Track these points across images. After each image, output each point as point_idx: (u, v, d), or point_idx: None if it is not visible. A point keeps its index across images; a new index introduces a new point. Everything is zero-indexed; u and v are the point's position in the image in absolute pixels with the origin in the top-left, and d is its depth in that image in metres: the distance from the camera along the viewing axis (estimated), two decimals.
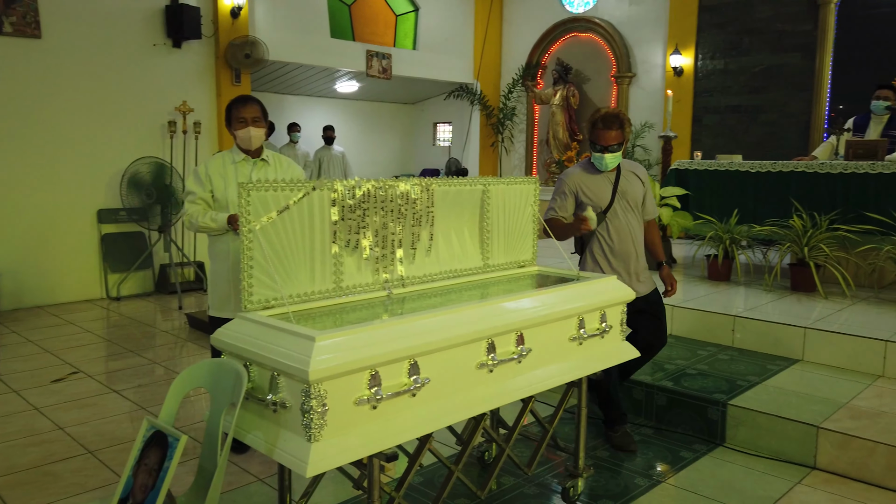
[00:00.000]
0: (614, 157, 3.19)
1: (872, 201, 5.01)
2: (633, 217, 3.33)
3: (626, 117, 3.22)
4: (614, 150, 3.17)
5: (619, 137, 3.17)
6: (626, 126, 3.19)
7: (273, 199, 2.17)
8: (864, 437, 3.03)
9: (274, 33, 8.14)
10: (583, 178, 3.31)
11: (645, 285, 3.38)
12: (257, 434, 1.96)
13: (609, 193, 3.28)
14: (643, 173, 3.40)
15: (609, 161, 3.19)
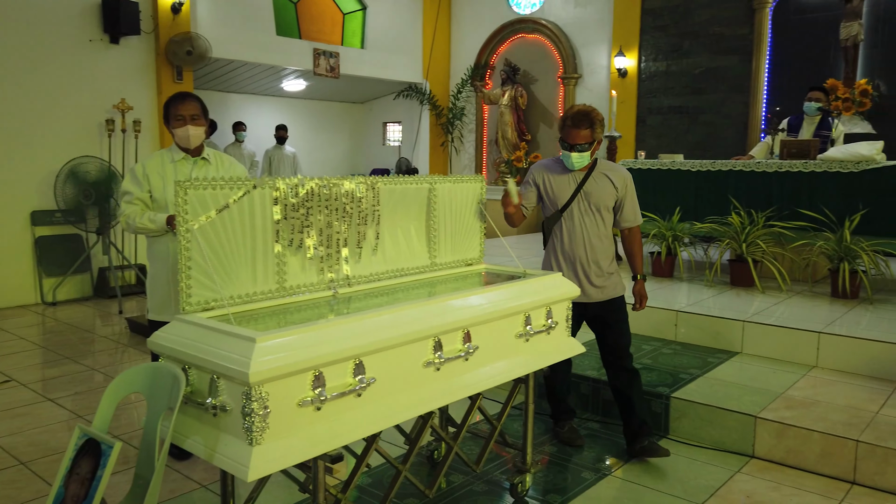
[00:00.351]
0: (581, 156, 3.05)
1: (806, 198, 5.22)
2: (592, 220, 3.17)
3: (599, 117, 3.08)
4: (581, 149, 3.04)
5: (588, 137, 3.04)
6: (596, 126, 3.05)
7: (212, 197, 2.11)
8: (799, 426, 3.14)
9: (217, 30, 7.96)
10: (549, 172, 3.23)
11: (601, 292, 3.22)
12: (197, 439, 1.90)
13: (570, 193, 3.17)
14: (621, 178, 3.18)
15: (575, 160, 3.06)
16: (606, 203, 3.16)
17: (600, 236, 3.19)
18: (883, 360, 3.77)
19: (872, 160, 5.01)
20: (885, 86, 7.25)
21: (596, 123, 3.05)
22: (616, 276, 3.26)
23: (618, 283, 3.26)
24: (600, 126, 3.08)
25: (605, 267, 3.21)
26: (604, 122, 3.13)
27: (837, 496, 2.86)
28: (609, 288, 3.23)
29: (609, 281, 3.23)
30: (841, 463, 3.01)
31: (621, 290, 3.27)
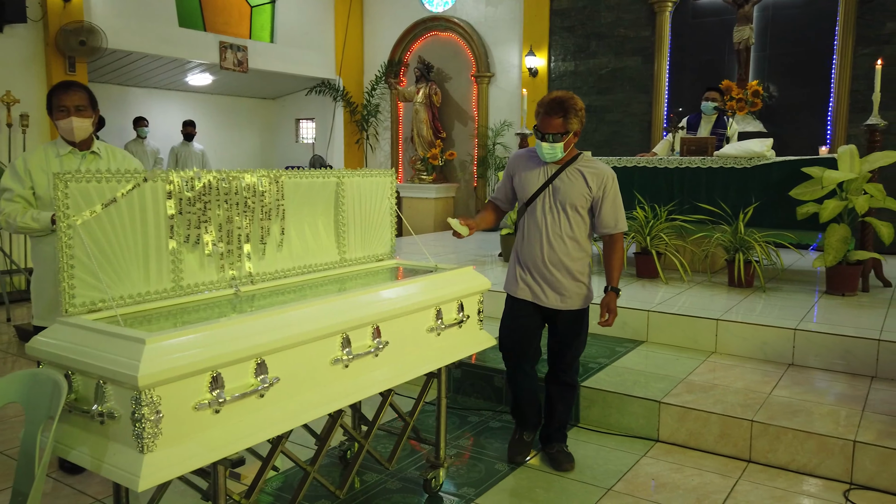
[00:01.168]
0: (552, 148, 2.77)
1: (704, 193, 5.48)
2: (555, 219, 2.87)
3: (575, 105, 2.74)
4: (553, 139, 2.75)
5: (561, 127, 2.74)
6: (570, 115, 2.73)
7: (97, 191, 1.98)
8: (699, 409, 3.28)
9: (114, 20, 7.54)
10: (522, 162, 2.98)
11: (560, 300, 2.94)
12: (83, 449, 1.77)
13: (537, 186, 2.89)
14: (598, 177, 2.84)
15: (545, 151, 2.79)
16: (574, 202, 2.84)
17: (563, 237, 2.88)
18: (775, 344, 4.00)
19: (763, 156, 5.32)
20: (774, 87, 7.72)
21: (570, 112, 2.73)
22: (583, 288, 2.95)
23: (584, 294, 2.96)
24: (576, 115, 2.75)
25: (569, 273, 2.90)
26: (581, 110, 2.78)
27: (735, 474, 3.01)
28: (571, 299, 2.93)
29: (572, 290, 2.92)
30: (737, 443, 3.17)
31: (585, 302, 2.98)
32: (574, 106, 2.75)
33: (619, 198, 2.89)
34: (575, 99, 2.76)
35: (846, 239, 4.72)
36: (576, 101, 2.76)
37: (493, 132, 9.50)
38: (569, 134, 2.76)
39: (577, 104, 2.76)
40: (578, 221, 2.89)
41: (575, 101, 2.76)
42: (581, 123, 2.80)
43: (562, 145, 2.78)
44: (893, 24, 6.96)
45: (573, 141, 2.82)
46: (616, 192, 2.88)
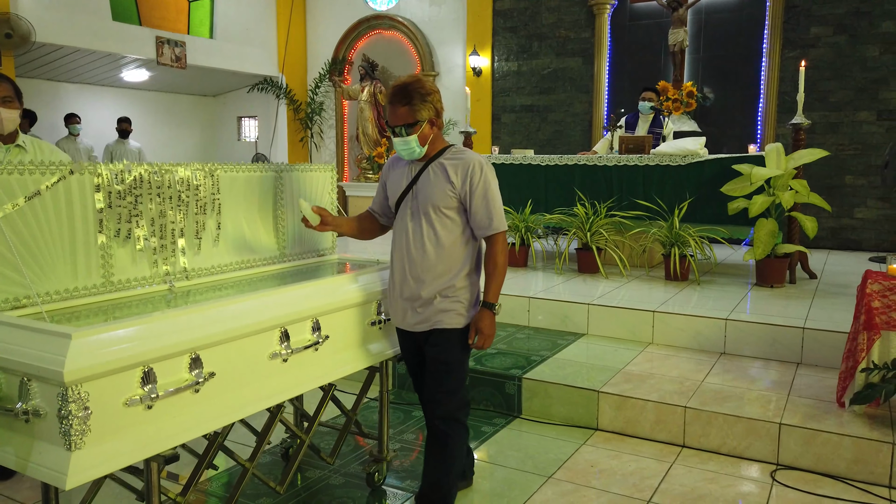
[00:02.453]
0: (404, 142, 2.35)
1: (641, 189, 5.64)
2: (418, 225, 2.40)
3: (421, 89, 2.33)
4: (402, 132, 2.34)
5: (408, 116, 2.32)
6: (416, 101, 2.31)
7: (20, 183, 1.91)
8: (636, 397, 3.38)
9: (41, 12, 7.24)
10: (393, 165, 2.58)
11: (417, 318, 2.43)
12: (7, 449, 1.71)
13: (401, 190, 2.47)
14: (463, 169, 2.37)
15: (399, 147, 2.38)
16: (437, 202, 2.37)
17: (425, 246, 2.39)
18: (707, 334, 4.15)
19: (697, 154, 5.51)
20: (708, 88, 8.00)
21: (415, 97, 2.31)
22: (455, 304, 2.40)
23: (453, 311, 2.40)
24: (423, 100, 2.33)
25: (436, 289, 2.39)
26: (432, 95, 2.35)
27: (669, 459, 3.11)
28: (432, 316, 2.40)
29: (439, 308, 2.39)
30: (672, 428, 3.28)
31: (454, 321, 2.40)
32: (419, 90, 2.33)
33: (492, 190, 2.37)
34: (422, 82, 2.36)
35: (774, 233, 4.93)
36: (423, 84, 2.35)
37: None
38: (420, 124, 2.33)
39: (423, 87, 2.34)
40: (446, 225, 2.38)
41: (421, 85, 2.35)
42: (436, 110, 2.37)
43: (415, 138, 2.34)
44: (818, 29, 7.31)
45: (432, 133, 2.38)
46: (487, 183, 2.36)
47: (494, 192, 2.40)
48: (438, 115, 2.41)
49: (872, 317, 2.98)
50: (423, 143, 2.38)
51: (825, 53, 7.29)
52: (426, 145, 2.39)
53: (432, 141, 2.41)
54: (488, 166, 2.41)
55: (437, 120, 2.41)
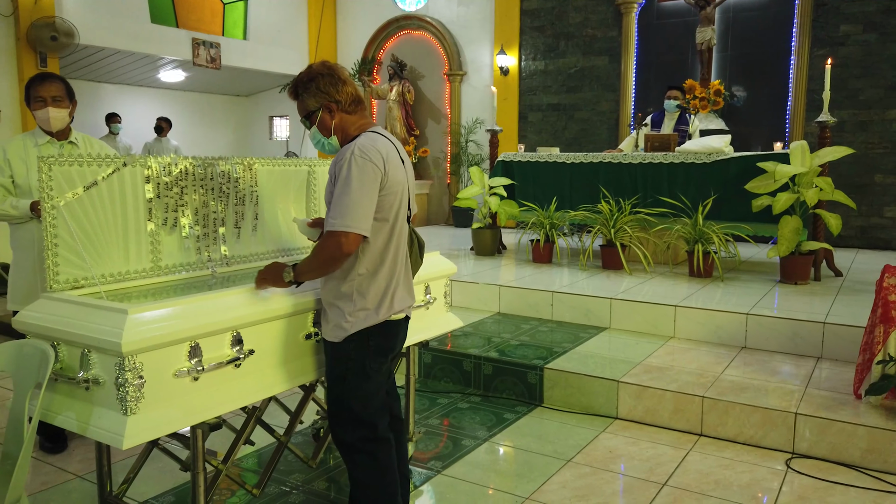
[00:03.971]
0: (313, 136, 2.22)
1: (666, 187, 5.70)
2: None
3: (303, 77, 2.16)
4: (304, 125, 2.21)
5: (301, 109, 2.20)
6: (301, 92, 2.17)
7: (79, 174, 2.09)
8: (654, 387, 3.47)
9: (85, 16, 7.54)
10: None
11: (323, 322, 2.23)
12: (69, 414, 1.89)
13: None
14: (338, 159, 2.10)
15: (313, 142, 2.26)
16: (327, 201, 2.15)
17: None
18: (728, 328, 4.21)
19: (722, 152, 5.55)
20: (736, 86, 8.00)
21: (299, 88, 2.17)
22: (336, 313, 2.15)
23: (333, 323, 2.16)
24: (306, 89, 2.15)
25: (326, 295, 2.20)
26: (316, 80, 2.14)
27: (686, 446, 3.20)
28: (324, 325, 2.22)
29: (327, 315, 2.20)
30: (690, 417, 3.36)
31: (332, 333, 2.17)
32: (301, 80, 2.17)
33: (351, 184, 2.02)
34: (307, 71, 2.18)
35: (798, 230, 4.96)
36: (307, 72, 2.17)
37: (465, 130, 9.66)
38: (315, 114, 2.16)
39: (305, 76, 2.16)
40: None
41: (305, 73, 2.17)
42: (326, 95, 2.13)
43: (316, 129, 2.19)
44: (847, 27, 7.27)
45: (334, 119, 2.16)
46: (349, 175, 2.03)
47: (354, 187, 2.02)
48: (335, 100, 2.14)
49: (889, 310, 3.04)
50: (326, 132, 2.19)
51: (855, 51, 7.25)
52: (333, 134, 2.19)
53: (341, 128, 2.18)
54: (363, 158, 2.04)
55: (338, 105, 2.15)
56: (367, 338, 2.16)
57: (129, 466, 2.49)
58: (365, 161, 2.05)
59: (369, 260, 2.14)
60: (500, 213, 6.31)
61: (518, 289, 4.99)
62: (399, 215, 2.19)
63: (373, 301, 2.15)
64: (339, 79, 2.17)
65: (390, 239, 2.17)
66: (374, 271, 2.15)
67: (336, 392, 2.21)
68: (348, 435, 2.21)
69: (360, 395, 2.19)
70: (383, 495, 2.21)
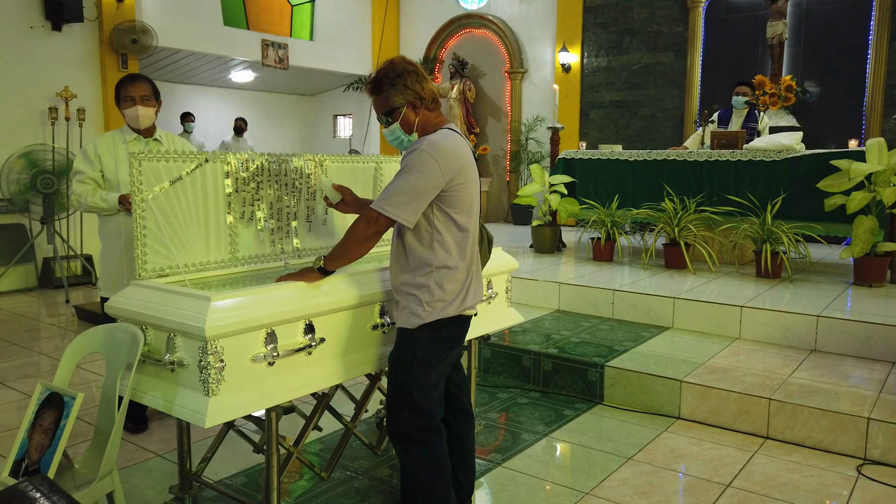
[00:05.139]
0: (390, 133, 2.19)
1: (733, 185, 5.57)
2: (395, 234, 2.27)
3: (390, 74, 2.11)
4: (385, 122, 2.19)
5: (384, 104, 2.15)
6: (386, 87, 2.11)
7: (165, 169, 2.23)
8: (719, 388, 3.42)
9: (163, 19, 7.91)
10: None
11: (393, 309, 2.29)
12: (155, 394, 2.02)
13: None
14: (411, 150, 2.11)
15: (388, 138, 2.23)
16: None
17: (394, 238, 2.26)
18: (797, 330, 4.10)
19: (792, 149, 5.39)
20: (808, 82, 7.72)
21: (384, 83, 2.11)
22: (410, 301, 2.16)
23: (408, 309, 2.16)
24: (393, 85, 2.10)
25: (397, 283, 2.22)
26: (403, 77, 2.10)
27: (752, 448, 3.14)
28: (395, 312, 2.24)
29: (399, 302, 2.21)
30: (755, 419, 3.30)
31: (406, 320, 2.17)
32: (388, 74, 2.11)
33: (407, 174, 2.04)
34: (393, 65, 2.13)
35: (873, 230, 4.77)
36: (393, 67, 2.12)
37: (525, 127, 9.65)
38: (399, 110, 2.13)
39: (392, 71, 2.11)
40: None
41: (391, 68, 2.12)
42: (412, 92, 2.11)
43: (398, 126, 2.16)
44: None
45: (418, 116, 2.15)
46: (410, 165, 2.04)
47: (410, 176, 2.03)
48: (420, 97, 2.13)
49: None
50: (408, 129, 2.17)
51: None
52: (414, 132, 2.17)
53: (422, 126, 2.17)
54: (430, 155, 2.02)
55: (422, 102, 2.14)
56: (440, 328, 2.17)
57: (205, 447, 2.63)
58: (429, 157, 2.03)
59: (446, 253, 2.14)
60: (561, 210, 6.29)
61: (578, 286, 4.98)
62: (473, 210, 2.20)
63: (451, 293, 2.16)
64: (423, 76, 2.16)
65: (468, 233, 2.18)
66: (454, 265, 2.15)
67: (400, 378, 2.20)
68: (404, 423, 2.18)
69: (423, 384, 2.18)
70: (436, 487, 2.17)
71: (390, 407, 2.23)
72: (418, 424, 2.18)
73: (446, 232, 2.13)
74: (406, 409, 2.18)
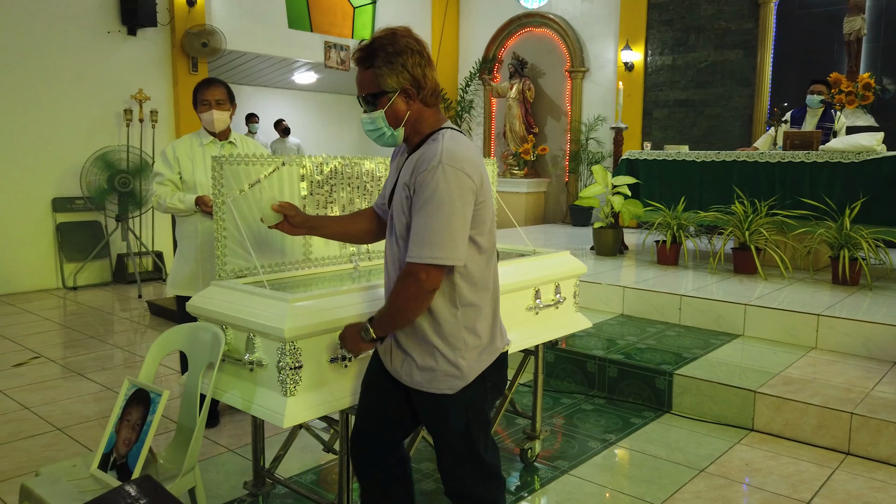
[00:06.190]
0: (370, 120, 1.75)
1: (808, 188, 5.35)
2: (392, 241, 1.79)
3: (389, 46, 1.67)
4: (367, 105, 1.75)
5: (372, 83, 1.71)
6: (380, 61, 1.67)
7: (245, 173, 2.27)
8: (796, 400, 3.28)
9: (231, 22, 8.12)
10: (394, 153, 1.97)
11: (401, 365, 1.79)
12: (234, 393, 2.06)
13: (390, 189, 1.86)
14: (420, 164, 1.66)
15: (366, 126, 1.78)
16: (397, 211, 1.74)
17: (388, 272, 1.83)
18: (879, 341, 3.90)
19: (873, 151, 5.14)
20: (888, 79, 7.36)
21: (378, 56, 1.67)
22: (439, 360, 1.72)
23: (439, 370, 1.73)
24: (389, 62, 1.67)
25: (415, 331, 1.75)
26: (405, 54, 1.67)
27: (832, 465, 3.01)
28: (418, 372, 1.75)
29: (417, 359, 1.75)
30: (836, 434, 3.16)
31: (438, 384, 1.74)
32: (386, 47, 1.67)
33: (442, 205, 1.60)
34: (395, 36, 1.69)
35: None
36: (395, 39, 1.68)
37: (586, 127, 9.51)
38: (388, 95, 1.70)
39: (393, 44, 1.67)
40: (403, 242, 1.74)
41: (392, 40, 1.68)
42: (410, 76, 1.68)
43: (382, 115, 1.72)
44: None
45: (410, 109, 1.72)
46: (436, 191, 1.59)
47: (447, 207, 1.59)
48: (419, 85, 1.70)
49: None
50: (394, 122, 1.73)
51: None
52: (401, 127, 1.73)
53: (414, 122, 1.73)
54: (456, 169, 1.61)
55: (419, 93, 1.71)
56: (483, 379, 1.76)
57: (274, 443, 2.68)
58: (458, 173, 1.61)
59: (472, 287, 1.72)
60: (624, 212, 6.17)
61: (643, 291, 4.87)
62: (492, 228, 1.78)
63: (485, 334, 1.76)
64: (428, 60, 1.71)
65: (490, 257, 1.77)
66: (480, 299, 1.74)
67: (461, 451, 1.79)
68: (489, 492, 1.86)
69: (491, 445, 1.85)
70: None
71: (466, 486, 1.84)
72: (500, 488, 1.89)
73: (469, 260, 1.70)
74: (485, 479, 1.85)
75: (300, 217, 1.97)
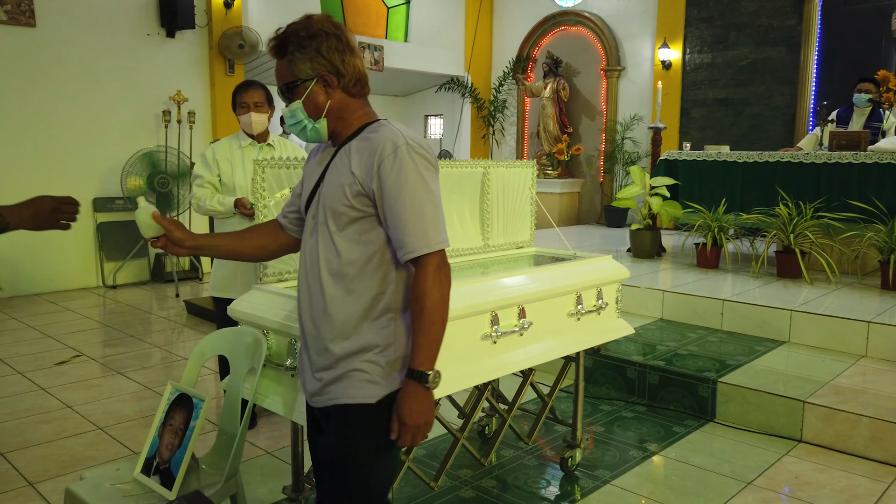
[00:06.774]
0: (290, 113, 1.61)
1: (855, 190, 5.18)
2: (316, 241, 1.57)
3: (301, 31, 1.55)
4: (285, 97, 1.62)
5: (287, 72, 1.58)
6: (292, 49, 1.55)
7: (286, 176, 2.26)
8: (848, 411, 3.16)
9: (267, 24, 8.18)
10: (312, 153, 1.77)
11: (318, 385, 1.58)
12: (275, 398, 2.05)
13: (311, 188, 1.66)
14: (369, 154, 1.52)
15: (288, 122, 1.63)
16: (334, 205, 1.54)
17: (321, 271, 1.55)
18: None
19: None
20: None
21: (290, 44, 1.55)
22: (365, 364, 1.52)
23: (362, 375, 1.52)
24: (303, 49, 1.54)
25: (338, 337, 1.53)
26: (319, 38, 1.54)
27: (887, 479, 2.89)
28: (331, 385, 1.54)
29: (339, 369, 1.53)
30: (890, 447, 3.03)
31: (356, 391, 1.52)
32: (298, 32, 1.55)
33: (411, 187, 1.49)
34: (311, 21, 1.56)
35: None
36: (310, 24, 1.56)
37: (622, 126, 9.37)
38: (305, 84, 1.56)
39: (308, 28, 1.55)
40: (350, 238, 1.53)
41: (308, 26, 1.55)
42: (327, 62, 1.55)
43: (300, 106, 1.58)
44: None
45: (331, 98, 1.58)
46: (403, 174, 1.48)
47: (416, 189, 1.49)
48: (338, 71, 1.57)
49: None
50: (314, 113, 1.59)
51: None
52: (323, 118, 1.59)
53: (338, 112, 1.60)
54: (412, 149, 1.50)
55: (339, 80, 1.57)
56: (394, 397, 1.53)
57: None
58: (422, 156, 1.51)
59: (404, 288, 1.55)
60: (662, 214, 6.05)
61: (683, 294, 4.76)
62: None
63: (408, 342, 1.54)
64: (347, 45, 1.58)
65: None
66: (406, 303, 1.56)
67: (364, 474, 1.53)
68: None
69: (390, 476, 1.61)
70: None
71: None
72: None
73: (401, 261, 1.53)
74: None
75: (182, 233, 1.66)
